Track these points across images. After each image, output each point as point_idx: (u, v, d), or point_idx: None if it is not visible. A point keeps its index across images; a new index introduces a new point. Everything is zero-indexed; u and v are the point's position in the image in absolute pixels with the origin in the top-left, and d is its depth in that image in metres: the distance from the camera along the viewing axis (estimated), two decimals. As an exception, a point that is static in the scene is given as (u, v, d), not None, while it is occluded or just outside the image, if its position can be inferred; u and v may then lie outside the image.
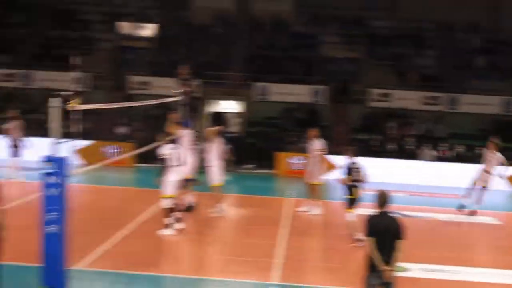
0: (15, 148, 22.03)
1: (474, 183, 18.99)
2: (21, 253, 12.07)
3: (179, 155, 15.13)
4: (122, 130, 28.43)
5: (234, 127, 31.64)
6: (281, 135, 28.57)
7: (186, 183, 16.77)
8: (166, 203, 14.61)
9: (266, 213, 18.29)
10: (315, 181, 18.01)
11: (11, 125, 22.08)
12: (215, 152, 17.46)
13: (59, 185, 10.47)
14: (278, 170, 26.22)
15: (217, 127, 18.11)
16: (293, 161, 25.91)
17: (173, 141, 15.21)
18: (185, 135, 16.57)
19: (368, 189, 13.60)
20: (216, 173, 17.52)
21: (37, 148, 20.97)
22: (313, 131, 18.05)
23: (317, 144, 17.95)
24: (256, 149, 28.29)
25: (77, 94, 11.77)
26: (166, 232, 14.60)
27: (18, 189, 19.70)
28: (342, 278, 12.40)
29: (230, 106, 31.77)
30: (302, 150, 25.00)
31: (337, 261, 13.68)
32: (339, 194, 15.51)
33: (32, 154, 24.17)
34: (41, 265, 10.45)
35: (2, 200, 10.15)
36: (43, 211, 10.44)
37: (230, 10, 34.51)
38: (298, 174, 25.32)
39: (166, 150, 14.97)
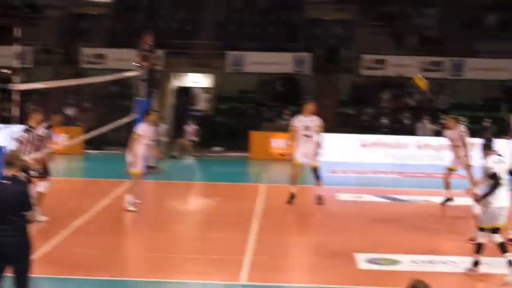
0: None
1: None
2: None
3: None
4: (69, 111, 27.72)
5: (202, 104, 31.55)
6: (257, 111, 28.32)
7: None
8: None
9: (236, 203, 17.76)
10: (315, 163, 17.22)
11: None
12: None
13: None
14: (253, 152, 25.66)
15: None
16: (272, 142, 25.35)
17: None
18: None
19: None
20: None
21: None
22: (310, 105, 17.39)
23: (315, 121, 17.25)
24: (226, 129, 27.99)
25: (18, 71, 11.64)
26: None
27: None
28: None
29: (198, 80, 31.52)
30: (282, 129, 24.26)
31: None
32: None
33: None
34: None
35: None
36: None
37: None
38: (278, 157, 24.39)
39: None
